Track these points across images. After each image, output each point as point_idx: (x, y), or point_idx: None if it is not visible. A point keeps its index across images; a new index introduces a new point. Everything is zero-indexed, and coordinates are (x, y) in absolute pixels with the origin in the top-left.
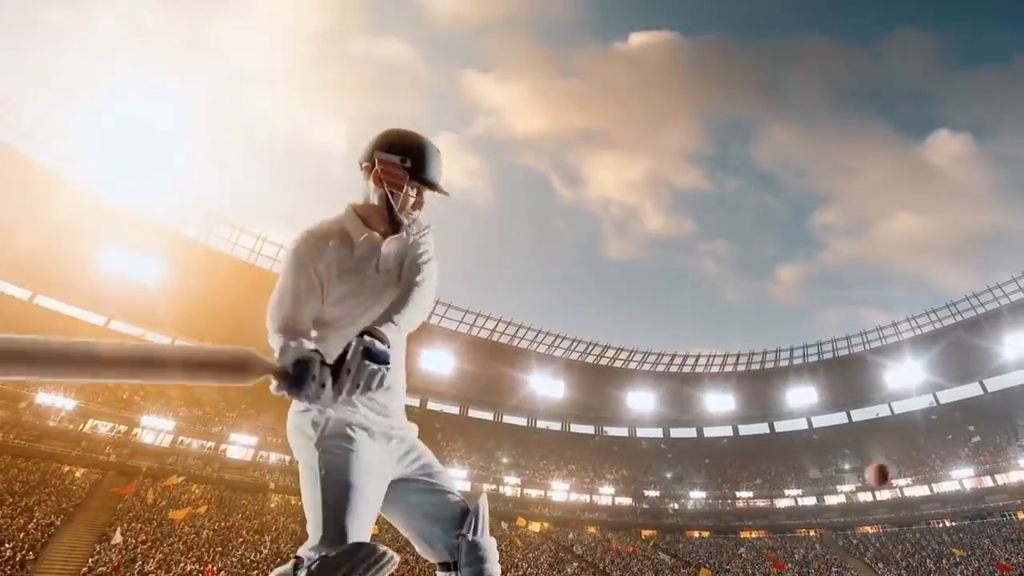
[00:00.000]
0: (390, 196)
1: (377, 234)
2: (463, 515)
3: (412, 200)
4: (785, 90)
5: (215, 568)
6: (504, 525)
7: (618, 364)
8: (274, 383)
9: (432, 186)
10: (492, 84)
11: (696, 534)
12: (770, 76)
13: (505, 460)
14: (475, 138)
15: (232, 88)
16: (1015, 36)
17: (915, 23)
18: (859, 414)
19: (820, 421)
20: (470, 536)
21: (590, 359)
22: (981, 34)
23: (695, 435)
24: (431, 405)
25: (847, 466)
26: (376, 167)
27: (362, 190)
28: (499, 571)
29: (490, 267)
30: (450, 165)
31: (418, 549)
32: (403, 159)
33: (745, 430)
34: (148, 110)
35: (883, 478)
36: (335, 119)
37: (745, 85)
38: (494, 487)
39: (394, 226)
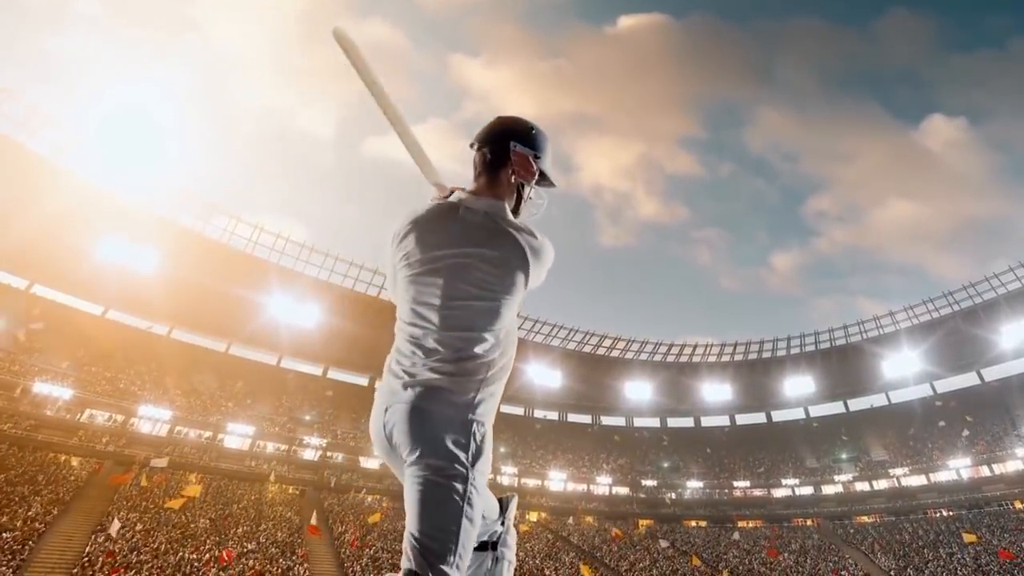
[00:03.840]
0: (521, 188)
1: None
2: (500, 505)
3: (531, 194)
4: (777, 74)
5: (233, 551)
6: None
7: (615, 354)
8: None
9: (549, 183)
10: (481, 68)
11: (693, 523)
12: (762, 59)
13: (502, 450)
14: (464, 123)
15: (218, 74)
16: (1010, 19)
17: (909, 5)
18: (856, 404)
19: (817, 411)
20: (508, 524)
21: (587, 349)
22: (976, 17)
23: (692, 425)
24: None
25: (844, 456)
26: (511, 156)
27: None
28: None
29: None
30: (440, 151)
31: None
32: (536, 155)
33: (742, 420)
34: (139, 97)
35: None
36: (322, 104)
37: (736, 68)
38: (491, 477)
39: (516, 211)
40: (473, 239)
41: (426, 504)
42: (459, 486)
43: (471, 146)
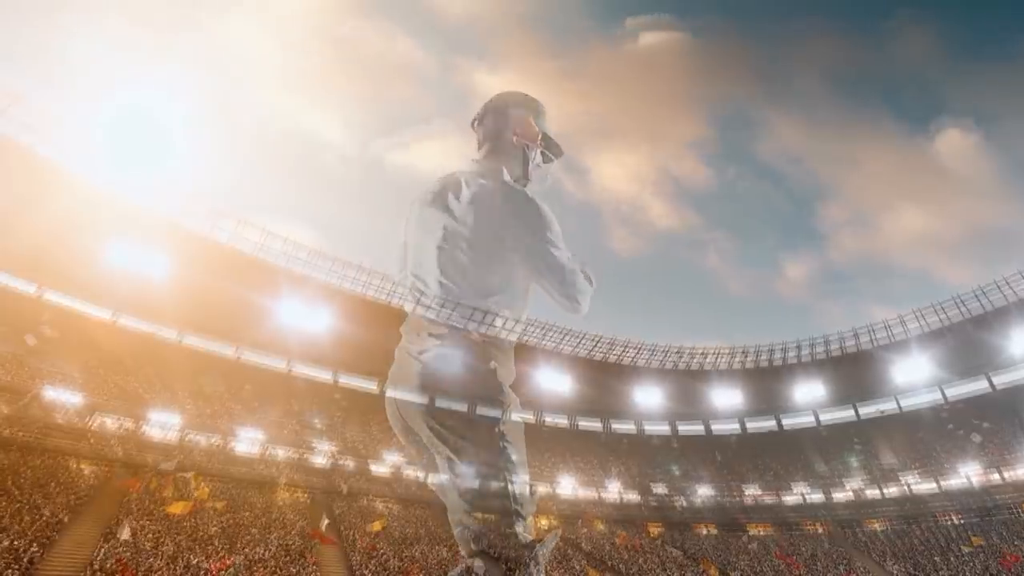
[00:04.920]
0: (526, 148)
1: None
2: None
3: (538, 159)
4: (786, 78)
5: (228, 560)
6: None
7: (625, 359)
8: None
9: (554, 148)
10: (487, 72)
11: (703, 529)
12: (770, 63)
13: None
14: (467, 123)
15: (225, 76)
16: (1020, 23)
17: (918, 9)
18: (866, 409)
19: (827, 416)
20: None
21: (596, 354)
22: (986, 21)
23: (703, 431)
24: None
25: (854, 461)
26: (510, 120)
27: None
28: None
29: None
30: (447, 153)
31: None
32: (536, 117)
33: (752, 425)
34: (147, 101)
35: None
36: (330, 108)
37: (745, 73)
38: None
39: (525, 176)
40: (463, 202)
41: (461, 467)
42: (487, 440)
43: (472, 124)
